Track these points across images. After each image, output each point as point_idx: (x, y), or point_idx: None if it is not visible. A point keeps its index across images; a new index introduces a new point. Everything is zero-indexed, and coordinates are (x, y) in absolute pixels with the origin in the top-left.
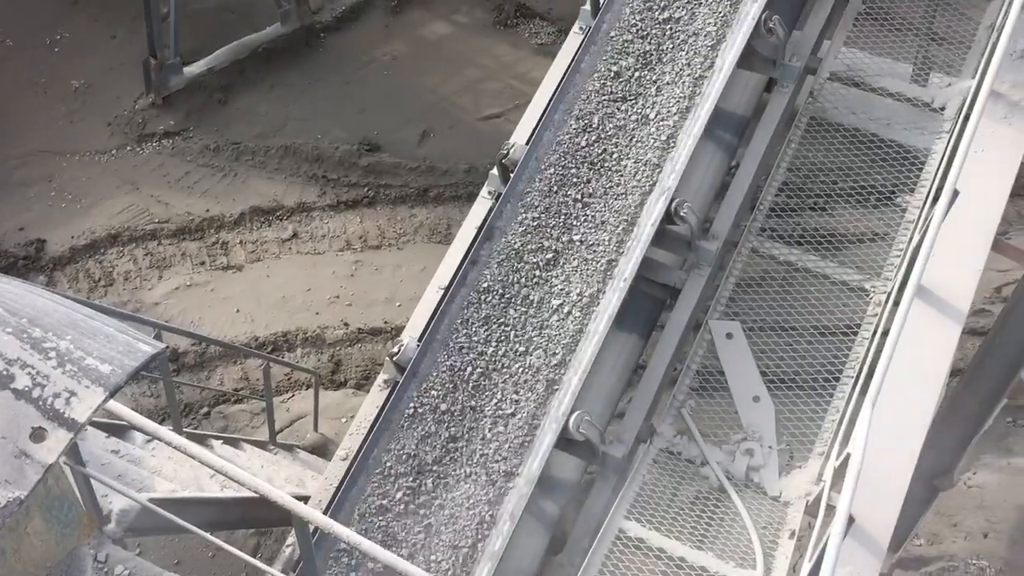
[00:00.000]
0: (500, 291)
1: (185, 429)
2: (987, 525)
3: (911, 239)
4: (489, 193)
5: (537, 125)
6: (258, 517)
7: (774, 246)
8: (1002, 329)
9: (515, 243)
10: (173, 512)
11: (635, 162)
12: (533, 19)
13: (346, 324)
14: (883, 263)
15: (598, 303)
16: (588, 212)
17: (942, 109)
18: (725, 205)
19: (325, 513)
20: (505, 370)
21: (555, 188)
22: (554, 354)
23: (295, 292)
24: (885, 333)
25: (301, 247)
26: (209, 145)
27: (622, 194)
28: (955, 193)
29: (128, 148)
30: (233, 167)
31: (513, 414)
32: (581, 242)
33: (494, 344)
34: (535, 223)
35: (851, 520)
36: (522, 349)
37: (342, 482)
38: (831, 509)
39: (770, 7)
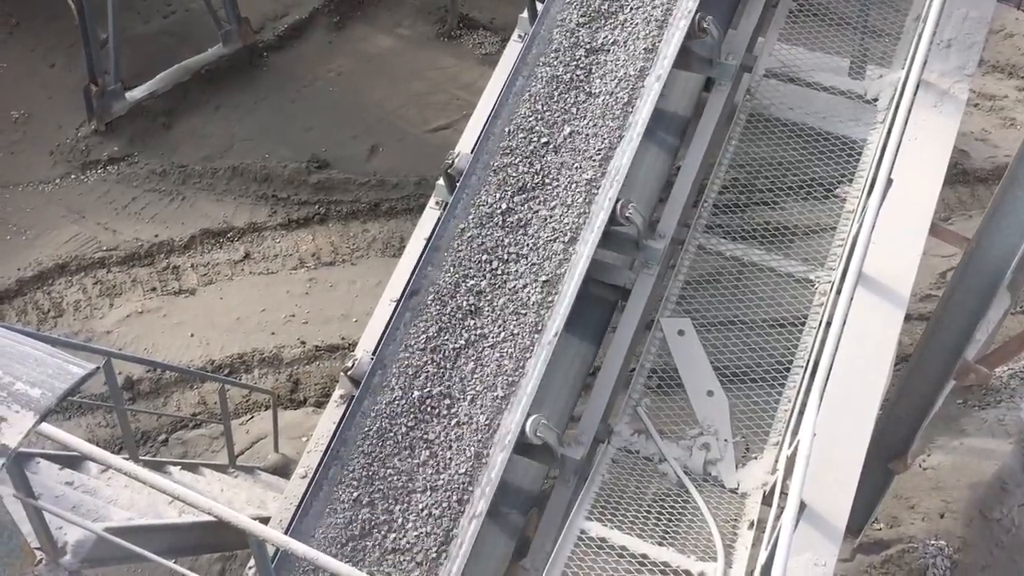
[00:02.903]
0: None
1: (142, 457)
2: (943, 506)
3: (851, 229)
4: (436, 204)
5: (480, 134)
6: (218, 541)
7: (720, 242)
8: (944, 312)
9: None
10: (130, 540)
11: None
12: (476, 30)
13: (303, 342)
14: (827, 254)
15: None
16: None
17: (875, 100)
18: (670, 204)
19: (286, 532)
20: None
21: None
22: None
23: (250, 313)
24: (831, 322)
25: (254, 267)
26: (155, 170)
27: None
28: (889, 181)
29: (72, 176)
30: (180, 191)
31: None
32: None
33: None
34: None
35: (803, 506)
36: None
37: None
38: (786, 497)
39: (704, 7)
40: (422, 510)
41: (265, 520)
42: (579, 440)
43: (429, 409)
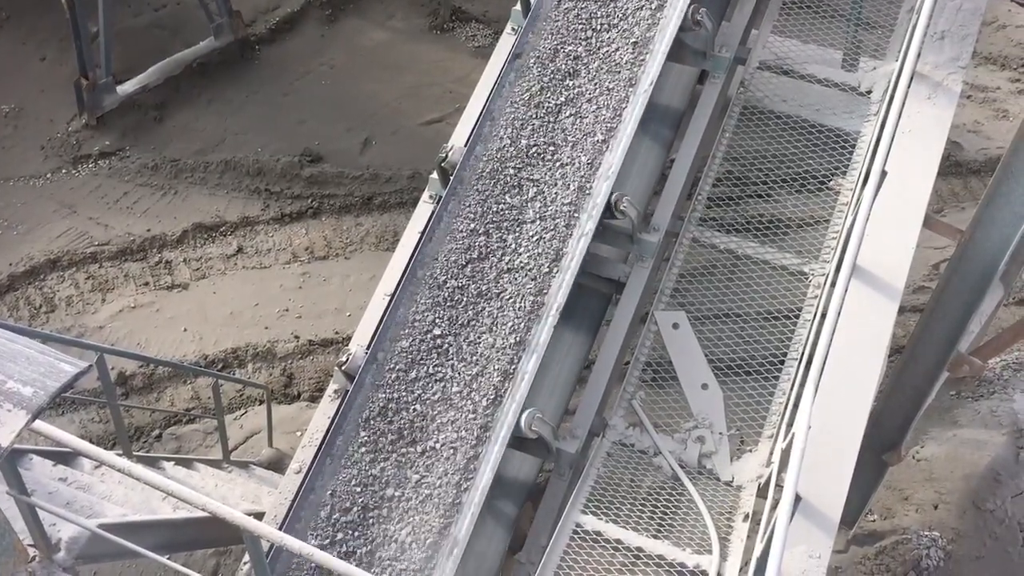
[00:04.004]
0: None
1: (136, 453)
2: (937, 497)
3: (845, 221)
4: (430, 197)
5: (474, 127)
6: (212, 536)
7: (714, 235)
8: (938, 304)
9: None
10: (124, 537)
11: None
12: (469, 22)
13: (296, 337)
14: (821, 246)
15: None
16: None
17: (869, 92)
18: (664, 197)
19: (280, 528)
20: None
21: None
22: None
23: (243, 307)
24: (825, 314)
25: (247, 262)
26: (147, 164)
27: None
28: (883, 174)
29: (64, 171)
30: (173, 185)
31: None
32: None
33: None
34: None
35: (798, 498)
36: None
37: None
38: (780, 489)
39: (697, 0)
40: (532, 236)
41: (260, 515)
42: (574, 434)
43: (535, 155)
